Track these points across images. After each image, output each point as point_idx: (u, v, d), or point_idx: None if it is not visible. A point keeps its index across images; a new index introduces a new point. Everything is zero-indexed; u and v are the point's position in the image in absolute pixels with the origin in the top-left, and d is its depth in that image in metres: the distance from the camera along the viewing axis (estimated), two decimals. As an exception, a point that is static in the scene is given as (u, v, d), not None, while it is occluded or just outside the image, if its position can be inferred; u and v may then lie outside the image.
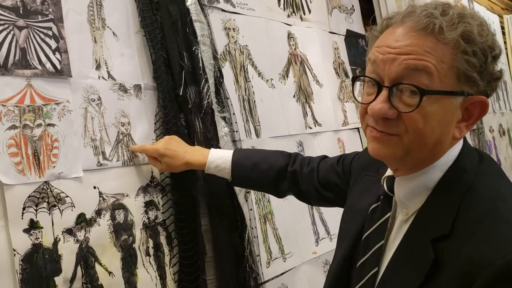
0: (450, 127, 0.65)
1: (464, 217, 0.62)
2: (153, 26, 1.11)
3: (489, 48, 0.62)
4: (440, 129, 0.65)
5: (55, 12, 0.96)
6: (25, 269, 0.83)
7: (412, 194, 0.68)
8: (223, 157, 1.05)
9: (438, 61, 0.61)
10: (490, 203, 0.62)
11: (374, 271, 0.71)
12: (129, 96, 1.08)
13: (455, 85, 0.62)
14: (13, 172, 0.85)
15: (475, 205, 0.62)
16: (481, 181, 0.65)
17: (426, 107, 0.63)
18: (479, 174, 0.66)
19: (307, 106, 1.67)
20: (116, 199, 1.01)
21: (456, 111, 0.64)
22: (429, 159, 0.67)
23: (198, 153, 1.06)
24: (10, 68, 0.87)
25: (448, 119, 0.64)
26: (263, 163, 1.04)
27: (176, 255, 1.07)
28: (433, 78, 0.62)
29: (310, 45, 1.76)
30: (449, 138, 0.66)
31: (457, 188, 0.64)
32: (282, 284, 1.37)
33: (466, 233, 0.60)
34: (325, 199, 1.02)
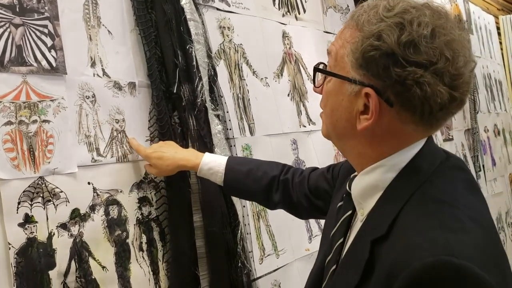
0: (351, 115, 0.65)
1: (403, 219, 0.60)
2: (148, 24, 1.12)
3: (402, 50, 0.58)
4: (340, 113, 0.67)
5: (51, 10, 0.98)
6: (20, 262, 0.85)
7: (365, 193, 0.68)
8: (217, 160, 1.03)
9: (341, 46, 0.65)
10: (433, 207, 0.60)
11: (333, 268, 0.71)
12: (123, 93, 1.09)
13: (348, 72, 0.64)
14: (9, 167, 0.87)
15: (417, 207, 0.61)
16: (434, 183, 0.63)
17: (326, 85, 0.69)
18: (435, 176, 0.64)
19: (301, 105, 1.69)
20: (110, 195, 1.02)
21: (354, 99, 0.64)
22: (364, 154, 0.67)
23: (191, 154, 1.05)
24: (6, 65, 0.89)
25: (345, 104, 0.66)
26: (257, 170, 1.03)
27: (169, 251, 1.09)
28: (334, 61, 0.67)
29: (304, 44, 1.77)
30: (357, 130, 0.65)
31: (406, 189, 0.63)
32: (275, 280, 1.39)
33: (399, 235, 0.59)
34: (316, 208, 1.00)
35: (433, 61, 0.58)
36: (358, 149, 0.68)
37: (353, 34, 0.63)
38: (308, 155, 1.66)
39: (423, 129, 0.64)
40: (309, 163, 1.65)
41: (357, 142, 0.67)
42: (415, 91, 0.59)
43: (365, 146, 0.67)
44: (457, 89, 0.60)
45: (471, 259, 0.53)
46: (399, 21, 0.59)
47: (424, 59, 0.58)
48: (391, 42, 0.59)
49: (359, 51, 0.61)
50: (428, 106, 0.60)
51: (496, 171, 3.09)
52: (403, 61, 0.59)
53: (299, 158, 1.62)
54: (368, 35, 0.61)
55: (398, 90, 0.60)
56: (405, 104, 0.61)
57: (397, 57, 0.59)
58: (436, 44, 0.59)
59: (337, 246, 0.72)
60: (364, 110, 0.64)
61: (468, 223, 0.58)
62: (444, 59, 0.59)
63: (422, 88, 0.59)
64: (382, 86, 0.61)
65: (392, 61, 0.59)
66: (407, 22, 0.59)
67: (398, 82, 0.59)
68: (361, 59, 0.62)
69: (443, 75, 0.59)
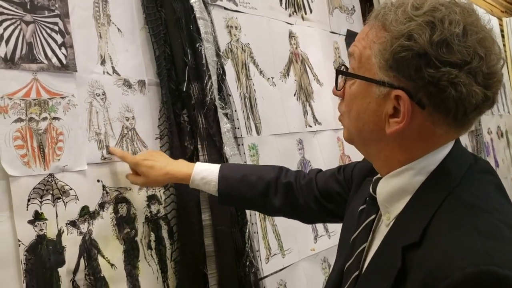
0: (380, 119, 0.63)
1: (437, 225, 0.58)
2: (157, 22, 1.12)
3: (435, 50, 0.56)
4: (368, 116, 0.64)
5: (62, 7, 0.98)
6: (29, 259, 0.85)
7: (392, 198, 0.65)
8: (209, 169, 0.97)
9: (366, 47, 0.62)
10: (467, 212, 0.57)
11: (356, 274, 0.68)
12: (133, 91, 1.09)
13: (376, 74, 0.61)
14: (19, 164, 0.87)
15: (450, 213, 0.58)
16: (466, 188, 0.60)
17: (349, 88, 0.66)
18: (466, 180, 0.61)
19: (308, 105, 1.69)
20: (119, 193, 1.02)
21: (382, 102, 0.62)
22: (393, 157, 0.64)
23: (182, 164, 0.99)
24: (17, 62, 0.89)
25: (373, 107, 0.63)
26: (252, 175, 0.97)
27: (177, 249, 1.09)
28: (358, 62, 0.64)
29: (311, 44, 1.78)
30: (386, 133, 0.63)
31: (437, 193, 0.60)
32: (281, 280, 1.39)
33: (434, 242, 0.56)
34: (328, 211, 0.95)
35: (467, 60, 0.56)
36: (386, 153, 0.65)
37: (380, 35, 0.61)
38: (313, 155, 1.66)
39: (455, 130, 0.62)
40: (314, 163, 1.65)
41: (385, 145, 0.64)
42: (450, 92, 0.57)
43: (394, 150, 0.64)
44: (490, 88, 0.58)
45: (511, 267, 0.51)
46: (430, 19, 0.57)
47: (458, 58, 0.56)
48: (423, 42, 0.56)
49: (389, 52, 0.59)
50: (463, 107, 0.58)
51: (499, 173, 3.07)
52: (436, 61, 0.56)
53: (305, 158, 1.62)
54: (397, 35, 0.58)
55: (431, 91, 0.58)
56: (439, 106, 0.59)
57: (429, 57, 0.57)
58: (469, 42, 0.57)
59: (359, 252, 0.69)
60: (393, 113, 0.61)
61: (504, 228, 0.56)
62: (478, 57, 0.57)
63: (457, 89, 0.56)
64: (414, 87, 0.59)
65: (425, 62, 0.57)
66: (438, 21, 0.57)
67: (432, 83, 0.57)
68: (392, 60, 0.59)
69: (477, 74, 0.57)
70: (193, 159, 1.12)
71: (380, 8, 0.63)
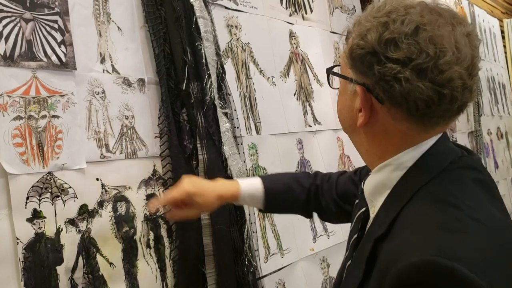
0: (353, 113, 0.68)
1: (402, 218, 0.61)
2: (157, 21, 1.12)
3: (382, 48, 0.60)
4: (345, 111, 0.70)
5: (61, 5, 0.98)
6: (28, 257, 0.85)
7: (375, 192, 0.69)
8: (253, 184, 0.99)
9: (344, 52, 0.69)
10: (433, 206, 0.59)
11: (348, 263, 0.72)
12: (133, 90, 1.09)
13: (348, 73, 0.67)
14: (18, 162, 0.86)
15: (417, 206, 0.61)
16: (439, 182, 0.62)
17: (340, 86, 0.73)
18: (442, 175, 0.63)
19: (307, 105, 1.69)
20: (118, 191, 1.02)
21: (353, 97, 0.67)
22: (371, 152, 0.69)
23: (226, 184, 0.99)
24: (16, 60, 0.89)
25: (348, 103, 0.69)
26: (293, 184, 1.01)
27: (176, 248, 1.09)
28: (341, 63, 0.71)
29: (311, 44, 1.77)
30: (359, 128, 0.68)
31: (410, 188, 0.63)
32: (280, 279, 1.39)
33: (397, 234, 0.59)
34: (346, 212, 0.97)
35: (412, 57, 0.59)
36: (364, 147, 0.70)
37: (350, 37, 0.66)
38: (313, 155, 1.65)
39: (418, 127, 0.63)
40: (314, 163, 1.65)
41: (362, 139, 0.69)
42: (396, 87, 0.60)
43: (370, 143, 0.69)
44: (444, 86, 0.59)
45: (462, 260, 0.52)
46: (385, 20, 0.61)
47: (404, 55, 0.59)
48: (372, 41, 0.61)
49: (349, 51, 0.65)
50: (413, 102, 0.60)
51: (498, 174, 3.09)
52: (383, 58, 0.60)
53: (305, 158, 1.62)
54: (356, 36, 0.64)
55: (383, 87, 0.61)
56: (392, 100, 0.62)
57: (378, 55, 0.61)
58: (419, 40, 0.59)
59: (352, 242, 0.73)
60: (360, 108, 0.66)
61: (470, 223, 0.57)
62: (425, 55, 0.58)
63: (401, 84, 0.59)
64: (371, 83, 0.63)
65: (375, 59, 0.61)
66: (391, 21, 0.60)
67: (381, 79, 0.61)
68: (351, 58, 0.65)
69: (426, 70, 0.58)
70: (192, 158, 1.12)
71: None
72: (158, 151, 1.11)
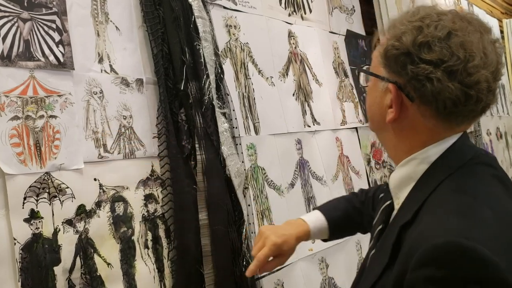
0: (382, 110, 0.73)
1: (427, 206, 0.67)
2: (155, 21, 1.12)
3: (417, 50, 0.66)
4: (375, 108, 0.76)
5: (59, 5, 0.97)
6: (25, 258, 0.84)
7: (400, 185, 0.74)
8: (318, 219, 1.04)
9: (377, 51, 0.75)
10: (454, 196, 0.65)
11: (373, 252, 0.77)
12: (131, 90, 1.09)
13: (381, 71, 0.72)
14: (15, 162, 0.86)
15: (440, 196, 0.66)
16: (460, 176, 0.68)
17: (369, 84, 0.78)
18: (462, 170, 0.69)
19: (306, 105, 1.69)
20: (116, 192, 1.02)
21: (384, 95, 0.72)
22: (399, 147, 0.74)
23: (297, 225, 1.02)
24: (13, 60, 0.89)
25: (378, 100, 0.74)
26: (349, 208, 1.07)
27: (174, 249, 1.08)
28: (372, 63, 0.77)
29: (310, 44, 1.77)
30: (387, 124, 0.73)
31: (434, 180, 0.68)
32: (278, 279, 1.38)
33: (422, 219, 0.65)
34: None
35: (444, 59, 0.64)
36: (392, 142, 0.75)
37: (384, 39, 0.73)
38: (312, 155, 1.65)
39: (444, 125, 0.69)
40: (313, 163, 1.64)
41: (390, 134, 0.74)
42: (427, 86, 0.65)
43: (397, 139, 0.74)
44: (471, 87, 0.64)
45: (482, 242, 0.57)
46: (419, 24, 0.67)
47: (436, 57, 0.64)
48: (407, 43, 0.66)
49: (384, 51, 0.70)
50: (442, 101, 0.65)
51: (498, 174, 3.08)
52: (417, 59, 0.66)
53: (303, 158, 1.62)
54: (391, 37, 0.69)
55: (415, 85, 0.67)
56: (422, 99, 0.67)
57: (412, 56, 0.66)
58: (451, 44, 0.64)
59: (377, 233, 0.79)
60: (391, 105, 0.71)
61: (486, 211, 0.62)
62: (456, 58, 0.64)
63: (432, 83, 0.64)
64: (403, 82, 0.68)
65: (409, 60, 0.66)
66: (425, 26, 0.66)
67: (414, 78, 0.66)
68: (385, 58, 0.70)
69: (456, 72, 0.64)
70: (190, 158, 1.12)
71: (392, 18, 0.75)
72: (156, 151, 1.11)
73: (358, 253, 1.76)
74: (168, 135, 1.09)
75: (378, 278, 0.69)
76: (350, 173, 1.82)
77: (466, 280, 0.56)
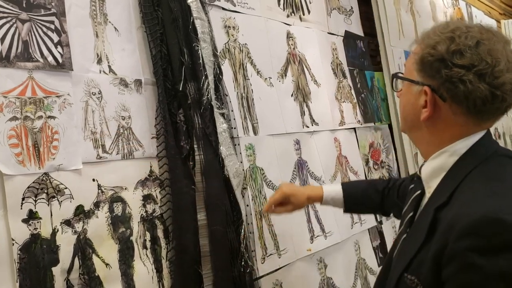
0: (416, 110, 0.84)
1: (460, 190, 0.77)
2: (154, 22, 1.12)
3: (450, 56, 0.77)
4: (409, 108, 0.86)
5: (58, 6, 0.98)
6: (23, 258, 0.85)
7: (432, 175, 0.84)
8: (335, 190, 1.24)
9: (410, 59, 0.86)
10: (484, 180, 0.76)
11: (404, 237, 0.87)
12: (129, 90, 1.09)
13: (414, 76, 0.84)
14: (13, 163, 0.86)
15: (472, 180, 0.77)
16: (487, 165, 0.79)
17: (403, 89, 0.89)
18: (488, 160, 0.79)
19: (305, 105, 1.69)
20: (115, 192, 1.02)
21: (418, 97, 0.83)
22: (431, 142, 0.84)
23: (313, 188, 1.28)
24: (12, 60, 0.89)
25: (412, 101, 0.85)
26: (369, 188, 1.24)
27: (172, 249, 1.08)
28: (406, 69, 0.88)
29: (308, 45, 1.78)
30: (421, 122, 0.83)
31: (465, 168, 0.79)
32: (277, 280, 1.39)
33: (457, 200, 0.76)
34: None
35: (475, 64, 0.75)
36: (425, 138, 0.86)
37: (418, 48, 0.84)
38: (310, 156, 1.66)
39: (473, 121, 0.80)
40: (311, 163, 1.65)
41: (423, 132, 0.85)
42: (460, 87, 0.76)
43: (430, 135, 0.84)
44: (498, 88, 0.75)
45: None
46: (451, 35, 0.78)
47: (468, 62, 0.76)
48: (442, 51, 0.78)
49: (419, 58, 0.82)
50: (472, 100, 0.76)
51: (496, 174, 3.09)
52: (450, 64, 0.77)
53: (302, 159, 1.62)
54: (426, 46, 0.81)
55: (448, 87, 0.78)
56: (454, 98, 0.78)
57: (446, 61, 0.77)
58: (479, 51, 0.76)
59: (408, 219, 0.88)
60: (425, 105, 0.82)
61: None
62: (485, 63, 0.75)
63: (465, 85, 0.76)
64: (437, 85, 0.80)
65: (443, 65, 0.78)
66: (457, 36, 0.78)
67: (447, 80, 0.77)
68: (421, 64, 0.81)
69: (485, 75, 0.75)
70: (189, 159, 1.12)
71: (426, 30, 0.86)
72: (154, 151, 1.11)
73: (356, 253, 1.77)
74: (167, 135, 1.10)
75: (416, 254, 0.78)
76: (349, 173, 1.82)
77: (502, 246, 0.66)
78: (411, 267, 0.79)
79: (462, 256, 0.68)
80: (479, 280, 0.67)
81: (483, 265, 0.66)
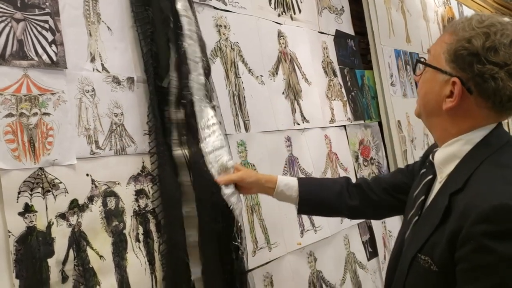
0: (439, 98, 0.86)
1: (475, 176, 0.80)
2: (145, 21, 1.15)
3: (485, 52, 0.79)
4: (432, 95, 0.88)
5: (52, 6, 1.00)
6: (19, 250, 0.87)
7: (445, 161, 0.88)
8: (289, 179, 1.22)
9: (439, 46, 0.87)
10: (498, 168, 0.80)
11: (416, 219, 0.91)
12: (122, 88, 1.12)
13: (442, 65, 0.85)
14: (9, 158, 0.89)
15: (486, 169, 0.81)
16: (500, 154, 0.83)
17: (424, 74, 0.90)
18: (501, 149, 0.83)
19: (296, 103, 1.72)
20: (108, 187, 1.05)
21: (443, 86, 0.85)
22: (448, 130, 0.87)
23: (267, 175, 1.25)
24: (7, 59, 0.91)
25: (436, 89, 0.87)
26: (327, 181, 1.26)
27: (164, 243, 1.11)
28: (432, 57, 0.90)
29: (299, 44, 1.81)
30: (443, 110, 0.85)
31: (479, 156, 0.83)
32: (267, 272, 1.42)
33: (472, 187, 0.79)
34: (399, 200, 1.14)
35: (508, 63, 0.79)
36: (442, 126, 0.88)
37: (450, 38, 0.84)
38: (301, 153, 1.69)
39: (495, 115, 0.84)
40: (302, 160, 1.68)
41: (442, 119, 0.87)
42: (491, 84, 0.79)
43: (448, 123, 0.87)
44: None
45: None
46: (487, 31, 0.80)
47: (501, 60, 0.78)
48: (477, 46, 0.80)
49: (453, 49, 0.83)
50: (499, 96, 0.80)
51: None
52: (484, 60, 0.79)
53: (293, 155, 1.66)
54: (461, 39, 0.82)
55: (477, 81, 0.81)
56: (482, 93, 0.81)
57: (480, 57, 0.79)
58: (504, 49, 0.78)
59: (419, 202, 0.92)
60: (449, 95, 0.84)
61: None
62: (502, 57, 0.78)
63: (496, 82, 0.79)
64: (466, 77, 0.82)
65: (476, 60, 0.80)
66: (493, 33, 0.80)
67: (479, 75, 0.80)
68: (454, 55, 0.83)
69: None
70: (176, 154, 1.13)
71: (455, 20, 0.88)
72: (147, 147, 1.14)
73: (346, 247, 1.81)
74: (156, 132, 1.12)
75: (429, 236, 0.82)
76: (339, 169, 1.86)
77: None
78: (425, 248, 0.82)
79: (477, 239, 0.72)
80: (491, 261, 0.71)
81: (496, 248, 0.71)
